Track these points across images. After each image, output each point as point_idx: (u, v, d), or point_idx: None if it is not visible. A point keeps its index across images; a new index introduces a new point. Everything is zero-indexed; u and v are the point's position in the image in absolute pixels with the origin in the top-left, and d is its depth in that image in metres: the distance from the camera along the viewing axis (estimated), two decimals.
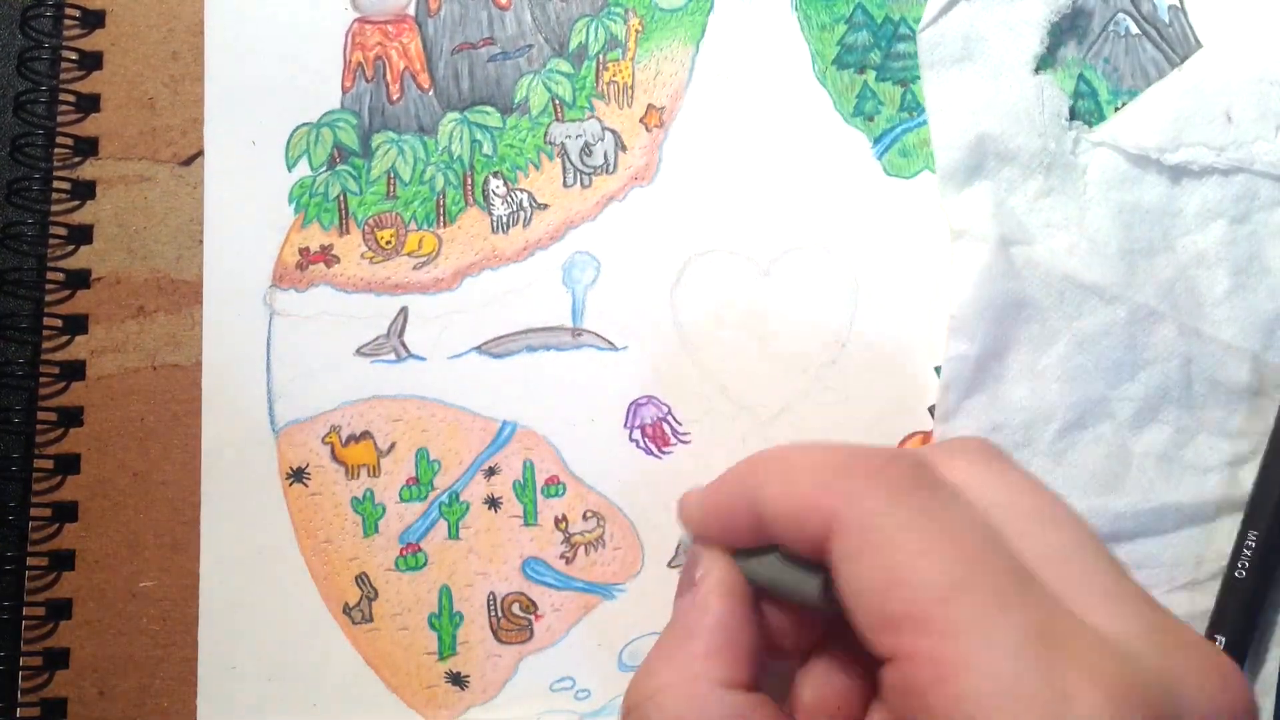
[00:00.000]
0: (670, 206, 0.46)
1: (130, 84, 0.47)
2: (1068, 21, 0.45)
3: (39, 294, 0.46)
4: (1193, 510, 0.43)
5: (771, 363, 0.45)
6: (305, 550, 0.44)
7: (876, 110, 0.46)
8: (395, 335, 0.46)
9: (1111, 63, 0.45)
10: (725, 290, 0.45)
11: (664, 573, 0.44)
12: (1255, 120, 0.43)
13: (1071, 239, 0.43)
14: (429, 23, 0.47)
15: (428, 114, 0.47)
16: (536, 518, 0.44)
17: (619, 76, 0.47)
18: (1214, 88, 0.44)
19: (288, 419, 0.45)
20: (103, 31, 0.47)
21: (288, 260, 0.46)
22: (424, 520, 0.45)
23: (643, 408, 0.45)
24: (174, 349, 0.45)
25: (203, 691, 0.44)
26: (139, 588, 0.44)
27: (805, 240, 0.45)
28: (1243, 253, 0.43)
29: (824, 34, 0.46)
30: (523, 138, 0.46)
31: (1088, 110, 0.45)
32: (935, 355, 0.44)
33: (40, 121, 0.47)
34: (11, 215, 0.46)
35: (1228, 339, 0.43)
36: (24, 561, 0.44)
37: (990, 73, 0.44)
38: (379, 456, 0.45)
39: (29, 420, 0.45)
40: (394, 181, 0.46)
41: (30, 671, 0.44)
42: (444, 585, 0.44)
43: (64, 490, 0.45)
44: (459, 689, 0.44)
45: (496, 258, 0.46)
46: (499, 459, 0.45)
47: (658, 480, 0.44)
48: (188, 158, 0.47)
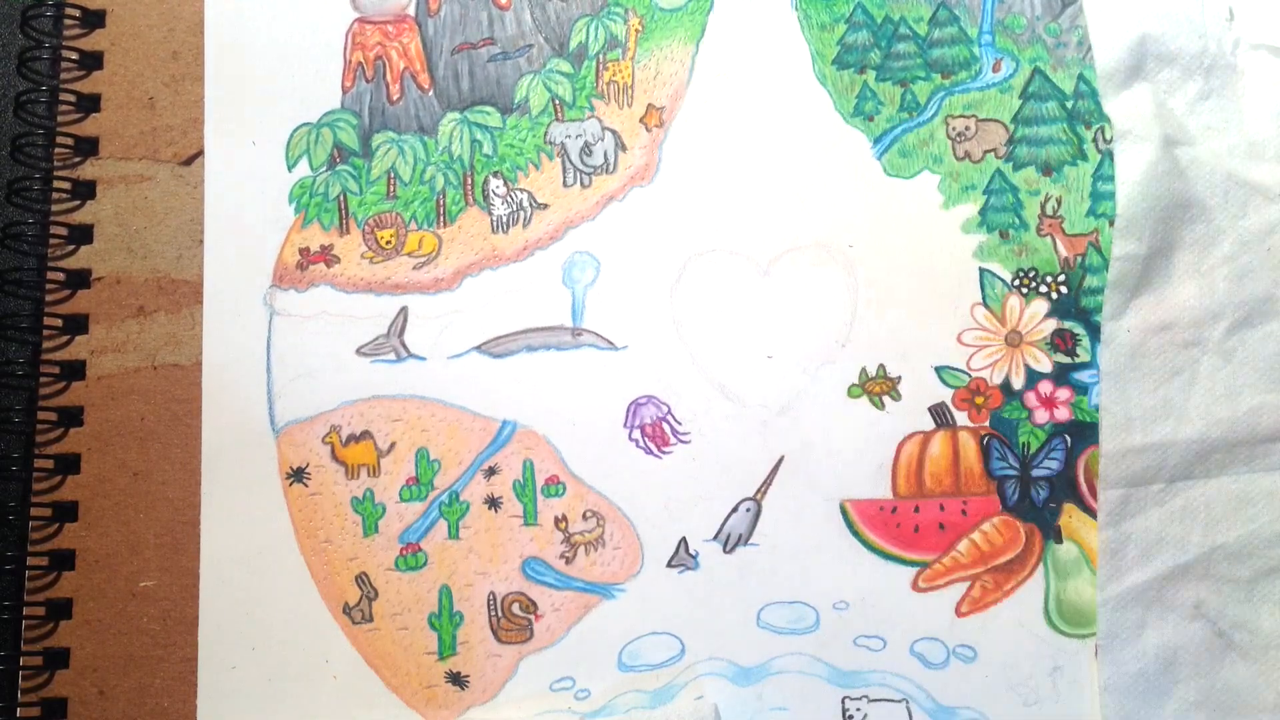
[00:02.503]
0: (670, 206, 0.46)
1: (130, 84, 0.47)
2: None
3: (39, 294, 0.46)
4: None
5: (771, 363, 0.45)
6: (305, 550, 0.45)
7: (876, 110, 0.46)
8: (395, 335, 0.46)
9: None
10: (725, 290, 0.45)
11: (664, 573, 0.44)
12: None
13: (1232, 141, 0.44)
14: (429, 23, 0.47)
15: (428, 114, 0.47)
16: (536, 518, 0.44)
17: (619, 76, 0.47)
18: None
19: (288, 419, 0.45)
20: (103, 31, 0.47)
21: (288, 260, 0.46)
22: (424, 520, 0.45)
23: (643, 407, 0.45)
24: (174, 349, 0.45)
25: (203, 691, 0.44)
26: (139, 588, 0.44)
27: (805, 240, 0.45)
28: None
29: (824, 34, 0.46)
30: (523, 138, 0.46)
31: (1087, 110, 0.45)
32: (935, 355, 0.44)
33: (40, 121, 0.47)
34: (12, 215, 0.46)
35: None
36: (24, 561, 0.44)
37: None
38: (379, 456, 0.45)
39: (29, 420, 0.45)
40: (394, 181, 0.46)
41: (30, 671, 0.44)
42: (444, 585, 0.44)
43: (64, 490, 0.45)
44: (459, 689, 0.44)
45: (496, 258, 0.46)
46: (499, 459, 0.45)
47: (658, 480, 0.44)
48: (188, 158, 0.47)
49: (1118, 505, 0.43)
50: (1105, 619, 0.42)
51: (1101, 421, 0.43)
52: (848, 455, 0.44)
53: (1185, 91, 0.44)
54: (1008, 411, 0.44)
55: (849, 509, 0.44)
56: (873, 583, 0.43)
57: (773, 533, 0.44)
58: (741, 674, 0.43)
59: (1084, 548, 0.43)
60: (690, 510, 0.44)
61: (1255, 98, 0.44)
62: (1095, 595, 0.42)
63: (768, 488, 0.44)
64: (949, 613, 0.43)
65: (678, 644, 0.43)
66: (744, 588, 0.44)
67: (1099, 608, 0.42)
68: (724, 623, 0.43)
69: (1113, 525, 0.43)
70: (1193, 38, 0.44)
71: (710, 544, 0.44)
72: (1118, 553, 0.42)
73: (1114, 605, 0.42)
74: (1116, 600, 0.42)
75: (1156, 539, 0.42)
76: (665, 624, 0.43)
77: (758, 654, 0.43)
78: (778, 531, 0.44)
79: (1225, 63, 0.44)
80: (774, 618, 0.43)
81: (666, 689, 0.43)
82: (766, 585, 0.44)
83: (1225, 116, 0.44)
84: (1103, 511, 0.43)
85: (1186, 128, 0.44)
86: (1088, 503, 0.43)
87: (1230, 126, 0.44)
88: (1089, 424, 0.44)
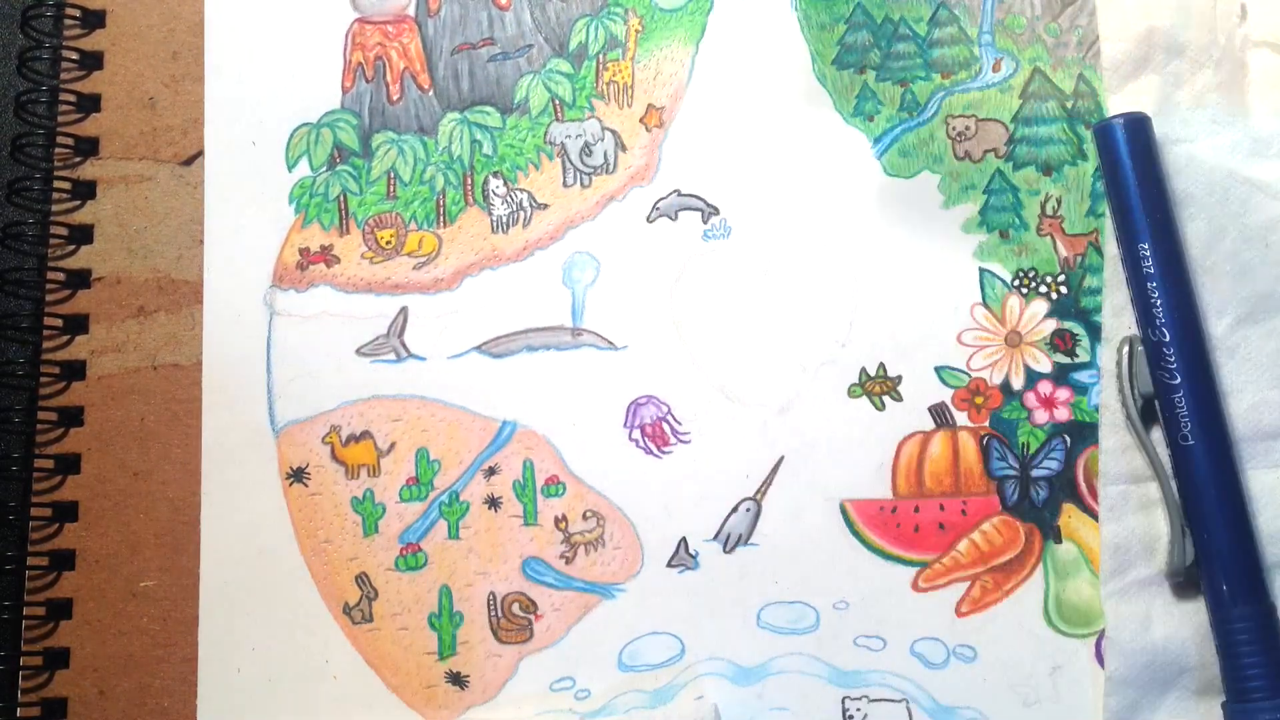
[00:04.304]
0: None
1: (130, 84, 0.47)
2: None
3: (39, 294, 0.46)
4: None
5: (771, 363, 0.45)
6: (305, 550, 0.44)
7: (876, 110, 0.46)
8: (395, 335, 0.46)
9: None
10: (725, 290, 0.45)
11: (664, 572, 0.44)
12: None
13: (1236, 136, 0.44)
14: (429, 23, 0.47)
15: (428, 114, 0.47)
16: (536, 517, 0.44)
17: (619, 76, 0.47)
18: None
19: (288, 419, 0.45)
20: (103, 31, 0.47)
21: (288, 260, 0.46)
22: (424, 520, 0.45)
23: (643, 407, 0.45)
24: (174, 349, 0.45)
25: (203, 691, 0.44)
26: (139, 588, 0.44)
27: (805, 240, 0.45)
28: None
29: (824, 34, 0.46)
30: (523, 138, 0.46)
31: (1087, 110, 0.45)
32: (935, 355, 0.44)
33: (41, 121, 0.47)
34: (12, 215, 0.46)
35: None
36: (24, 561, 0.44)
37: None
38: (379, 456, 0.45)
39: (29, 420, 0.45)
40: (394, 181, 0.46)
41: (30, 671, 0.44)
42: (444, 585, 0.44)
43: (64, 490, 0.45)
44: (459, 689, 0.44)
45: (496, 258, 0.46)
46: (499, 459, 0.45)
47: (658, 480, 0.44)
48: (188, 158, 0.47)
49: (1119, 500, 0.43)
50: (1111, 612, 0.42)
51: (1101, 419, 0.43)
52: (848, 455, 0.44)
53: (1194, 84, 0.44)
54: (1007, 411, 0.44)
55: (849, 509, 0.44)
56: (873, 583, 0.43)
57: (773, 533, 0.44)
58: (741, 674, 0.43)
59: (1084, 548, 0.43)
60: (690, 510, 0.44)
61: (1262, 95, 0.44)
62: (1095, 595, 0.42)
63: (768, 488, 0.44)
64: (949, 613, 0.43)
65: (678, 644, 0.43)
66: (744, 588, 0.44)
67: (1104, 601, 0.42)
68: (724, 623, 0.43)
69: (1115, 520, 0.43)
70: (1203, 31, 0.44)
71: (710, 544, 0.44)
72: (1121, 547, 0.42)
73: (1119, 599, 0.42)
74: (1121, 593, 0.42)
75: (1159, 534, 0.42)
76: (665, 624, 0.43)
77: (758, 654, 0.43)
78: (778, 531, 0.44)
79: (1234, 58, 0.44)
80: (774, 618, 0.43)
81: (666, 689, 0.43)
82: (766, 585, 0.43)
83: (1232, 111, 0.44)
84: (1104, 507, 0.43)
85: (1190, 122, 0.44)
86: (1087, 503, 0.43)
87: (1236, 122, 0.44)
88: (1089, 424, 0.44)
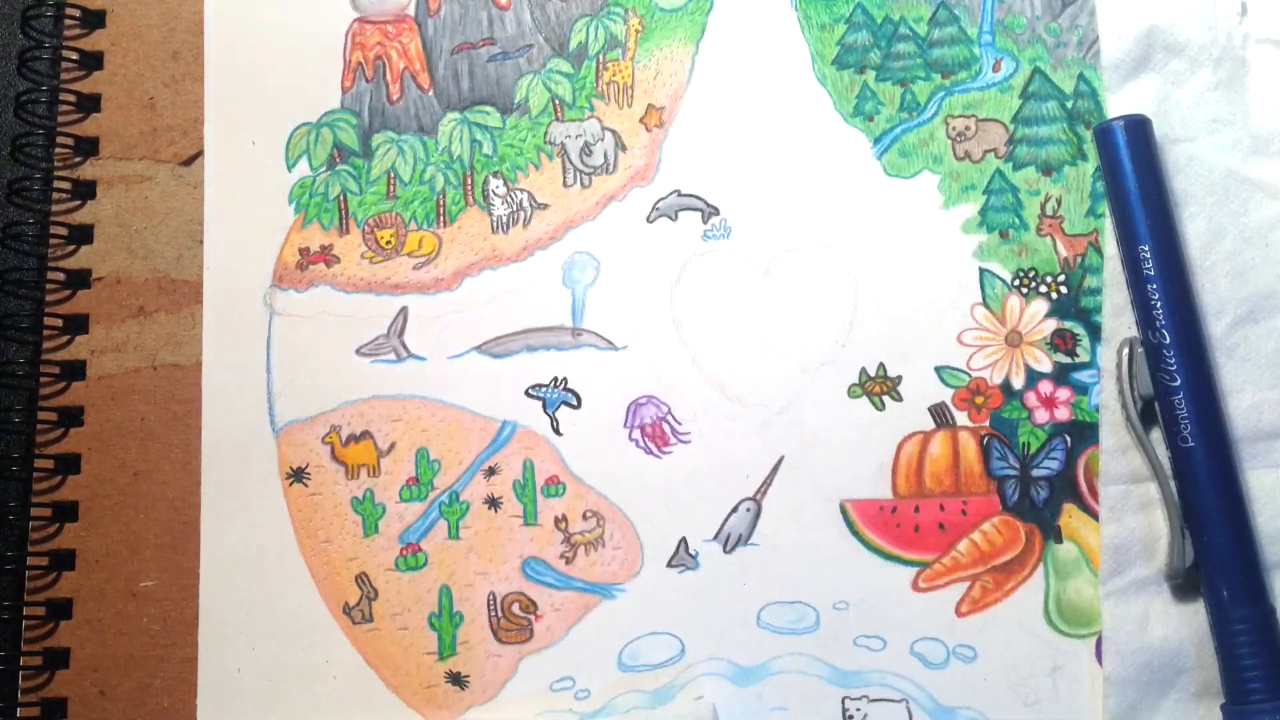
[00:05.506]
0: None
1: (130, 84, 0.47)
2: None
3: (39, 294, 0.46)
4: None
5: (771, 363, 0.45)
6: (305, 550, 0.45)
7: (876, 110, 0.46)
8: (395, 335, 0.46)
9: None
10: (725, 290, 0.45)
11: (664, 572, 0.44)
12: None
13: (1236, 135, 0.44)
14: (429, 23, 0.47)
15: (428, 114, 0.47)
16: (536, 517, 0.44)
17: (619, 76, 0.47)
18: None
19: (288, 419, 0.45)
20: (103, 31, 0.47)
21: (288, 260, 0.46)
22: (424, 520, 0.45)
23: (642, 407, 0.45)
24: (174, 349, 0.45)
25: (203, 691, 0.44)
26: (139, 588, 0.44)
27: (805, 240, 0.45)
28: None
29: (824, 34, 0.46)
30: (523, 138, 0.46)
31: (1087, 110, 0.45)
32: (935, 355, 0.44)
33: (41, 121, 0.47)
34: (12, 215, 0.46)
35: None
36: (24, 561, 0.44)
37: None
38: (379, 456, 0.45)
39: (29, 420, 0.45)
40: (394, 181, 0.46)
41: (30, 671, 0.44)
42: (444, 585, 0.44)
43: (64, 490, 0.45)
44: (459, 689, 0.44)
45: (496, 258, 0.46)
46: (499, 459, 0.45)
47: (658, 480, 0.44)
48: (188, 158, 0.47)
49: (1119, 501, 0.43)
50: (1109, 612, 0.42)
51: (1101, 419, 0.43)
52: (848, 455, 0.44)
53: (1194, 83, 0.44)
54: (1008, 411, 0.44)
55: (849, 509, 0.44)
56: (873, 583, 0.43)
57: (773, 533, 0.44)
58: (741, 674, 0.43)
59: (1084, 548, 0.43)
60: (690, 510, 0.44)
61: (1262, 93, 0.44)
62: (1095, 595, 0.42)
63: (768, 488, 0.44)
64: (949, 613, 0.43)
65: (678, 644, 0.43)
66: (744, 588, 0.44)
67: (1102, 601, 0.42)
68: (724, 623, 0.43)
69: (1115, 520, 0.43)
70: (1202, 29, 0.44)
71: (710, 544, 0.44)
72: (1121, 547, 0.42)
73: (1118, 599, 0.42)
74: (1120, 594, 0.42)
75: (1159, 534, 0.42)
76: (665, 624, 0.43)
77: (758, 654, 0.43)
78: (778, 531, 0.44)
79: (1234, 56, 0.44)
80: (774, 618, 0.43)
81: (666, 689, 0.43)
82: (766, 585, 0.43)
83: (1232, 110, 0.44)
84: (1104, 507, 0.43)
85: (1190, 122, 0.44)
86: (1088, 503, 0.43)
87: (1236, 120, 0.44)
88: (1089, 424, 0.44)
